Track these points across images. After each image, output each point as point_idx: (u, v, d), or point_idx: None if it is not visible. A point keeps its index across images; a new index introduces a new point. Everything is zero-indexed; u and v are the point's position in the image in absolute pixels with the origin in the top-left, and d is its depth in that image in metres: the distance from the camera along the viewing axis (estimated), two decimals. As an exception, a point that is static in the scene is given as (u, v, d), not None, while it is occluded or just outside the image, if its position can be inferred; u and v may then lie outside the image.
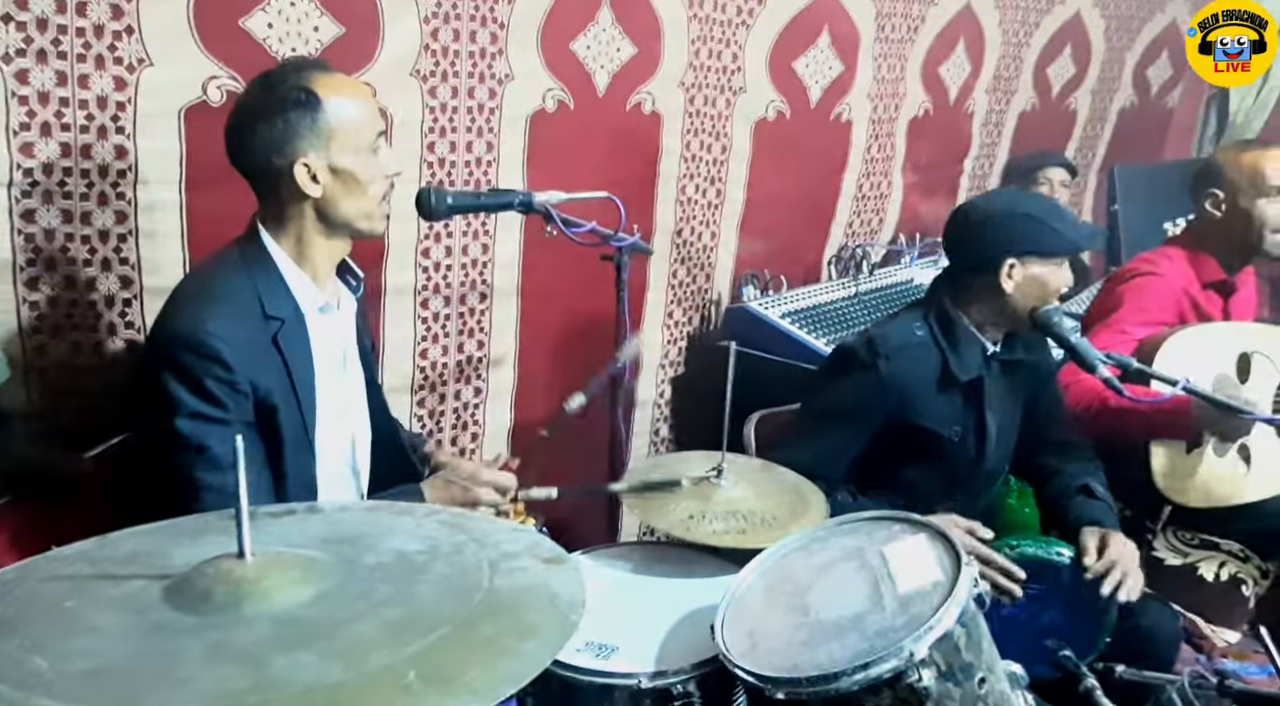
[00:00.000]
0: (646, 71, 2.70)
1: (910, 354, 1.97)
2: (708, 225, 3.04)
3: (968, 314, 2.00)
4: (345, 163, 1.53)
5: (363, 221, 1.59)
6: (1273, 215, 2.35)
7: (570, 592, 0.91)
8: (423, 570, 0.94)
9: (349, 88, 1.57)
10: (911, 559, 1.44)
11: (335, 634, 0.83)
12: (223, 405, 1.47)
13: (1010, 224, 1.95)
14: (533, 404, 2.72)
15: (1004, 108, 3.96)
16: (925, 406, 1.97)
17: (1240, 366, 2.30)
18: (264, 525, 1.08)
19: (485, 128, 2.41)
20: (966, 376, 1.98)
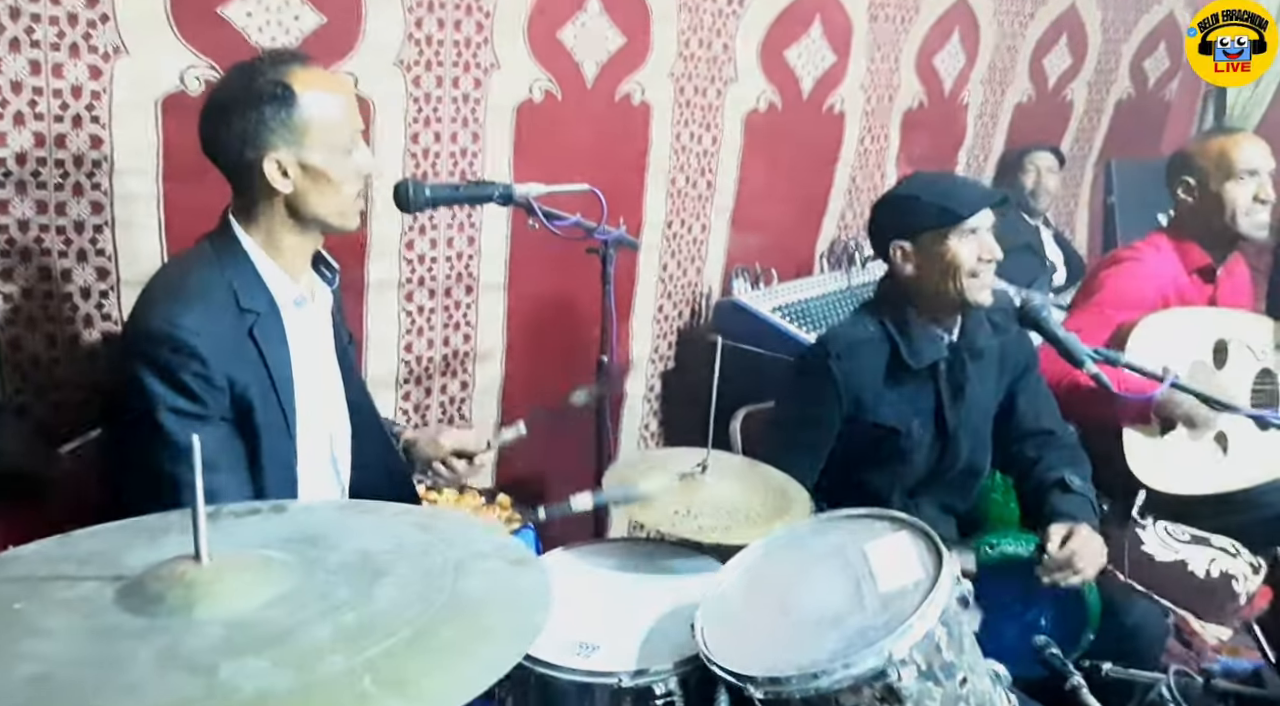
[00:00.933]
0: (635, 61, 2.67)
1: (861, 350, 1.96)
2: (698, 217, 3.01)
3: (911, 303, 1.98)
4: (317, 160, 1.51)
5: (335, 218, 1.56)
6: (1242, 196, 2.38)
7: (536, 595, 0.89)
8: (385, 571, 0.92)
9: (327, 83, 1.55)
10: (893, 557, 1.41)
11: (289, 638, 0.81)
12: (201, 401, 1.45)
13: (892, 209, 1.99)
14: (520, 397, 2.70)
15: (999, 99, 3.93)
16: (880, 402, 1.96)
17: (1217, 353, 2.29)
18: (227, 526, 1.05)
19: (470, 118, 2.39)
20: (920, 364, 1.95)
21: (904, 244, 1.95)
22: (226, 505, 1.11)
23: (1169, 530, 2.29)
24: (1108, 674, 1.68)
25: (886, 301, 2.03)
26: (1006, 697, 1.41)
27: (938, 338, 1.98)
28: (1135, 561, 2.22)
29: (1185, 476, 2.23)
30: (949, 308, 1.95)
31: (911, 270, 1.95)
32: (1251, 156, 2.38)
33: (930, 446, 2.00)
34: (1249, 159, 2.38)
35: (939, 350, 1.97)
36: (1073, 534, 1.83)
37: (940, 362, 1.97)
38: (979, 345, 2.00)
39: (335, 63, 2.10)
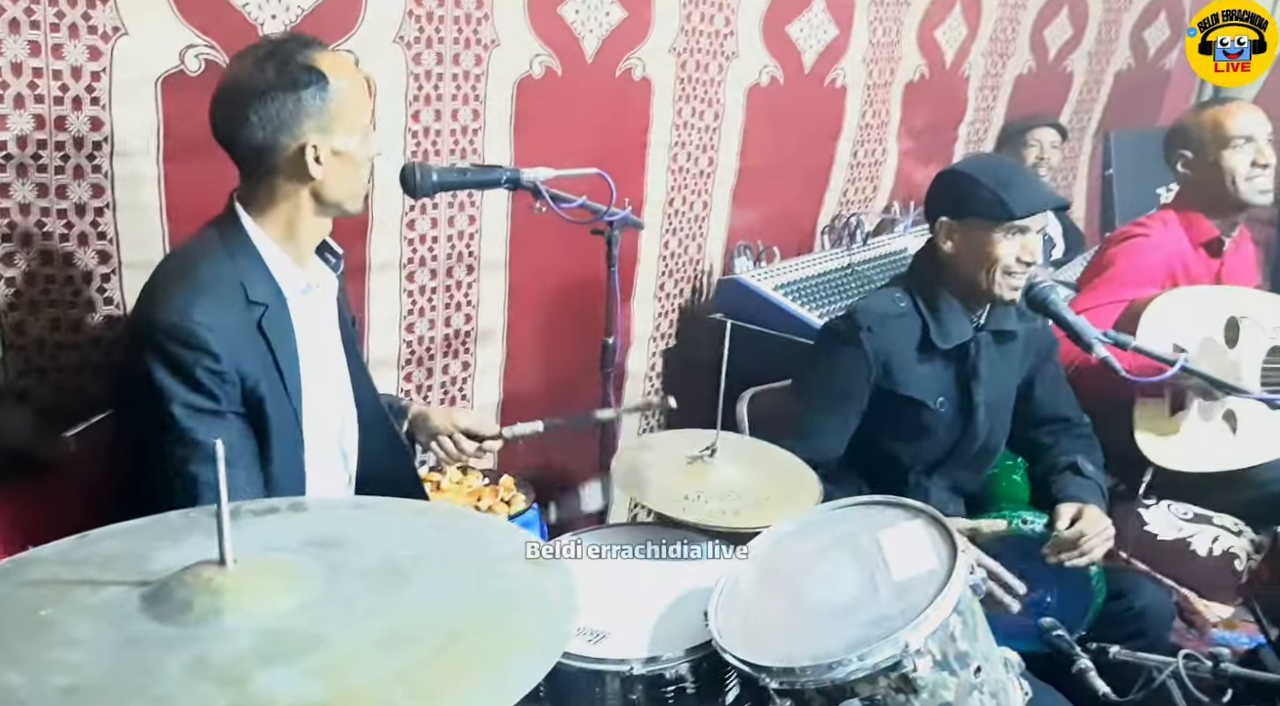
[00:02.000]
0: (637, 37, 2.63)
1: (892, 324, 1.96)
2: (699, 194, 2.99)
3: (943, 282, 1.97)
4: (344, 145, 1.51)
5: (350, 201, 1.58)
6: (1240, 163, 2.39)
7: (563, 598, 0.89)
8: (410, 576, 0.91)
9: (348, 68, 1.56)
10: (906, 545, 1.42)
11: (318, 647, 0.81)
12: (214, 396, 1.44)
13: (949, 184, 1.96)
14: (522, 378, 2.69)
15: (1000, 71, 3.90)
16: (909, 376, 1.96)
17: (1228, 331, 2.29)
18: (246, 524, 1.05)
19: (471, 95, 2.35)
20: (947, 344, 1.95)
21: (950, 221, 1.94)
22: (245, 503, 1.10)
23: (1172, 509, 2.31)
24: (1115, 656, 1.69)
25: (920, 275, 2.02)
26: (1019, 684, 1.42)
27: (966, 319, 1.98)
28: (1139, 540, 2.25)
29: (1194, 454, 2.24)
30: (978, 295, 1.95)
31: (951, 249, 1.94)
32: (1245, 123, 2.40)
33: (952, 423, 2.01)
34: (1243, 125, 2.39)
35: (966, 332, 1.97)
36: (1081, 514, 1.84)
37: (968, 343, 1.97)
38: (1005, 329, 2.00)
39: (335, 41, 2.06)
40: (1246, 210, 2.42)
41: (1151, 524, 2.28)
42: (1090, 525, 1.82)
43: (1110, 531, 1.86)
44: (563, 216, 1.89)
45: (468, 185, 1.89)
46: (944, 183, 1.99)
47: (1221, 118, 2.40)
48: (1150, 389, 2.12)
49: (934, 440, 2.00)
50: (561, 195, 1.94)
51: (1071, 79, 4.27)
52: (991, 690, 1.34)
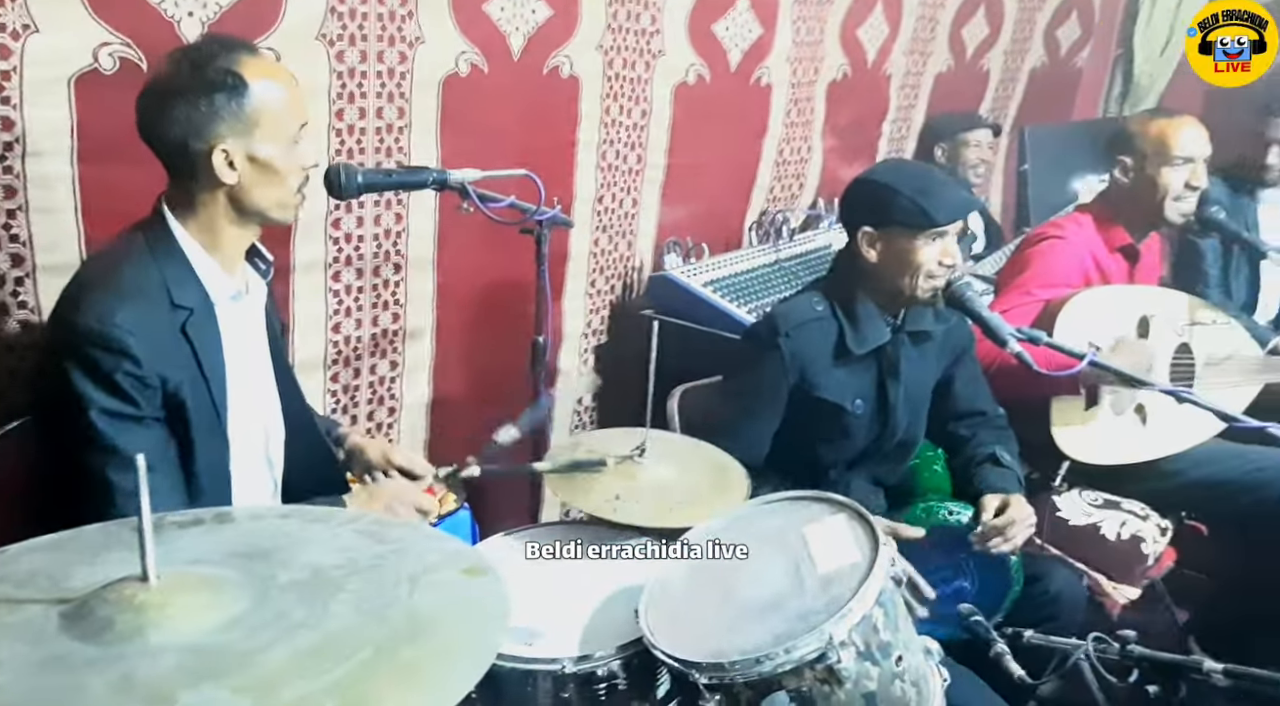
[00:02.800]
0: (563, 34, 2.63)
1: (810, 328, 1.99)
2: (629, 192, 3.00)
3: (861, 286, 2.01)
4: (265, 152, 1.48)
5: (276, 211, 1.54)
6: (1175, 182, 2.42)
7: (494, 607, 0.90)
8: (339, 587, 0.92)
9: (277, 74, 1.51)
10: (830, 540, 1.46)
11: (247, 663, 0.81)
12: (134, 401, 1.42)
13: (868, 193, 1.98)
14: (451, 377, 2.68)
15: (921, 69, 3.99)
16: (826, 379, 2.00)
17: (1139, 329, 2.38)
18: (170, 537, 1.04)
19: (396, 93, 2.33)
20: (863, 350, 2.00)
21: (872, 231, 1.96)
22: (169, 515, 1.08)
23: (1083, 495, 2.40)
24: (1029, 641, 1.75)
25: (838, 280, 2.05)
26: (938, 671, 1.47)
27: (883, 322, 2.02)
28: (1052, 526, 2.33)
29: (1108, 448, 2.32)
30: (899, 298, 1.99)
31: (874, 258, 1.97)
32: (1189, 143, 2.42)
33: (870, 422, 2.06)
34: (1187, 145, 2.41)
35: (882, 335, 2.01)
36: (1007, 504, 1.91)
37: (884, 345, 2.02)
38: (921, 329, 2.05)
39: (255, 38, 2.02)
40: (1164, 224, 2.48)
41: (1064, 510, 2.36)
42: (1017, 513, 1.89)
43: (1033, 518, 1.93)
44: (491, 217, 1.89)
45: (394, 186, 1.87)
46: (862, 192, 2.01)
47: (1169, 133, 2.42)
48: (1066, 387, 2.19)
49: (852, 439, 2.05)
50: (489, 195, 1.94)
51: (988, 77, 4.38)
52: (912, 678, 1.39)
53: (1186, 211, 2.44)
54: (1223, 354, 2.47)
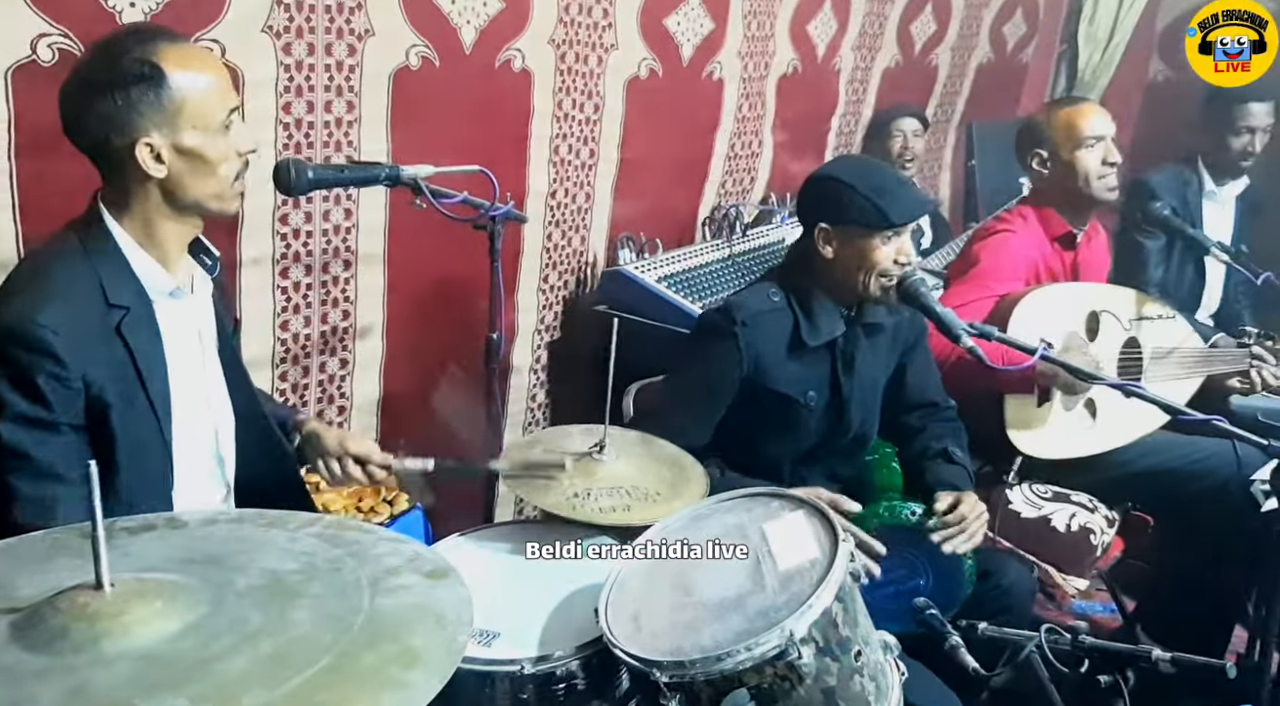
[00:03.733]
0: (515, 27, 2.61)
1: (766, 319, 1.99)
2: (582, 186, 2.99)
3: (815, 280, 2.02)
4: (192, 142, 1.42)
5: (213, 202, 1.49)
6: (1093, 162, 2.48)
7: (456, 610, 0.88)
8: (298, 593, 0.90)
9: (199, 60, 1.46)
10: (790, 536, 1.46)
11: (205, 672, 0.78)
12: (50, 406, 1.36)
13: (825, 190, 1.99)
14: (403, 374, 2.64)
15: (869, 65, 4.02)
16: (780, 372, 2.00)
17: (1089, 324, 2.43)
18: (121, 543, 1.01)
19: (345, 86, 2.30)
20: (817, 342, 2.01)
21: (828, 228, 1.97)
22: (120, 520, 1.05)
23: (1034, 488, 2.44)
24: (983, 633, 1.78)
25: (793, 272, 2.06)
26: (896, 665, 1.48)
27: (837, 315, 2.02)
28: (1004, 519, 2.36)
29: (1059, 443, 2.36)
30: (852, 294, 2.01)
31: (830, 254, 1.98)
32: (1097, 123, 2.49)
33: (824, 415, 2.07)
34: (1095, 126, 2.48)
35: (836, 327, 2.02)
36: (960, 500, 1.93)
37: (838, 338, 2.03)
38: (875, 322, 2.06)
39: (199, 31, 1.99)
40: (1096, 206, 2.55)
41: (1015, 503, 2.40)
42: (969, 509, 1.91)
43: (985, 513, 1.95)
44: (445, 214, 1.86)
45: (345, 182, 1.84)
46: (820, 189, 2.02)
47: (1075, 118, 2.49)
48: (1018, 383, 2.22)
49: (806, 432, 2.06)
50: (442, 191, 1.92)
51: (936, 72, 4.44)
52: (871, 673, 1.40)
53: (1113, 186, 2.50)
54: (1168, 348, 2.53)
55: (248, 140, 1.51)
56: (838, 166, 2.11)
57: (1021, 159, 2.60)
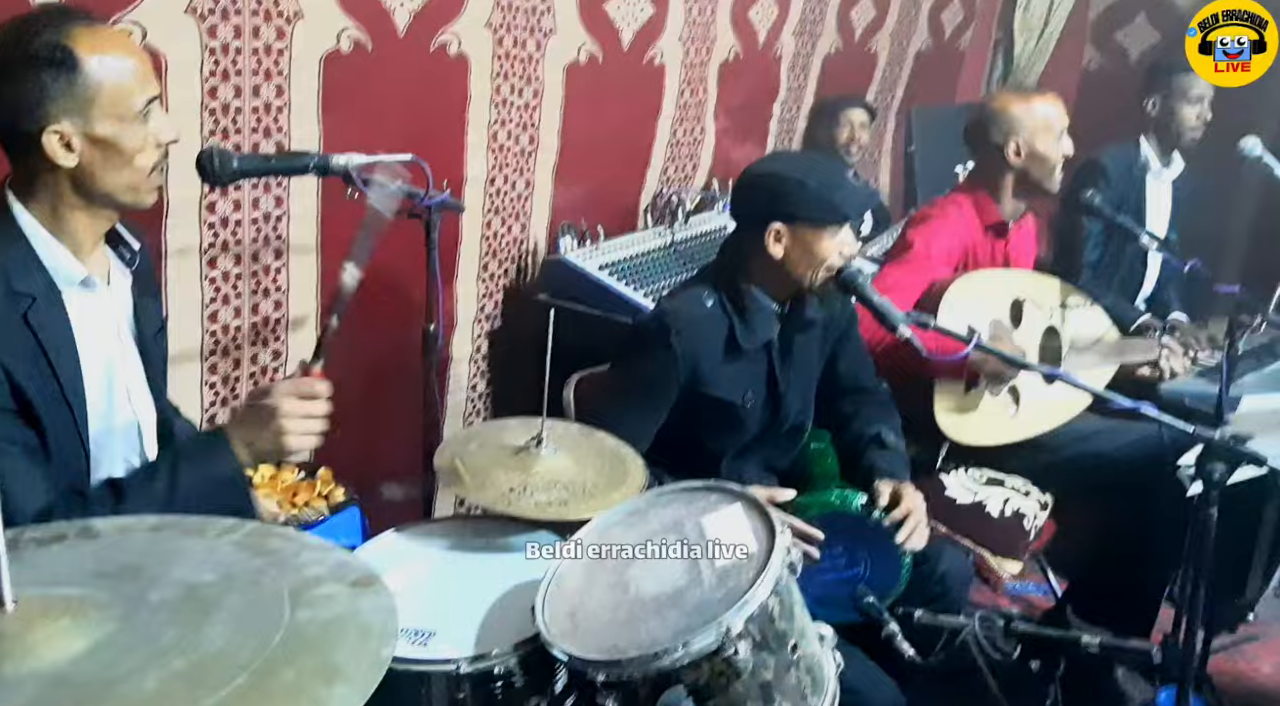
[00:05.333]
0: (451, 11, 2.56)
1: (701, 325, 1.97)
2: (521, 173, 2.95)
3: (753, 278, 2.00)
4: (106, 131, 1.36)
5: (127, 194, 1.42)
6: (1056, 153, 2.50)
7: (382, 622, 0.86)
8: (215, 605, 0.86)
9: (116, 45, 1.39)
10: (728, 531, 1.46)
11: (113, 694, 0.75)
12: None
13: (775, 187, 1.95)
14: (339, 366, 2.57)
15: (810, 51, 4.02)
16: (717, 376, 1.99)
17: (1013, 312, 2.46)
18: (28, 555, 0.96)
19: (274, 70, 2.23)
20: (753, 345, 1.99)
21: (780, 227, 1.93)
22: (27, 530, 1.01)
23: (969, 473, 2.48)
24: (919, 620, 1.80)
25: (727, 273, 2.03)
26: (832, 656, 1.49)
27: (771, 315, 2.01)
28: (939, 505, 2.39)
29: (985, 429, 2.40)
30: (794, 289, 1.99)
31: (780, 253, 1.95)
32: (1062, 115, 2.51)
33: (761, 412, 2.07)
34: (1063, 118, 2.50)
35: (771, 329, 2.01)
36: (901, 494, 1.94)
37: (773, 338, 2.02)
38: (808, 316, 2.05)
39: (119, 13, 1.92)
40: (1041, 195, 2.56)
41: (950, 489, 2.43)
42: (911, 503, 1.93)
43: (924, 504, 1.97)
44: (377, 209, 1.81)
45: (271, 172, 1.80)
46: (767, 185, 1.96)
47: (1049, 109, 2.50)
48: (949, 370, 2.25)
49: (743, 429, 2.06)
50: (375, 179, 1.87)
51: (876, 58, 4.46)
52: (807, 665, 1.40)
53: (1059, 177, 2.53)
54: (1085, 336, 2.58)
55: (168, 130, 1.45)
56: (782, 163, 2.10)
57: (973, 142, 2.59)
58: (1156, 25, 5.06)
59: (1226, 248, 4.55)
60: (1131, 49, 5.15)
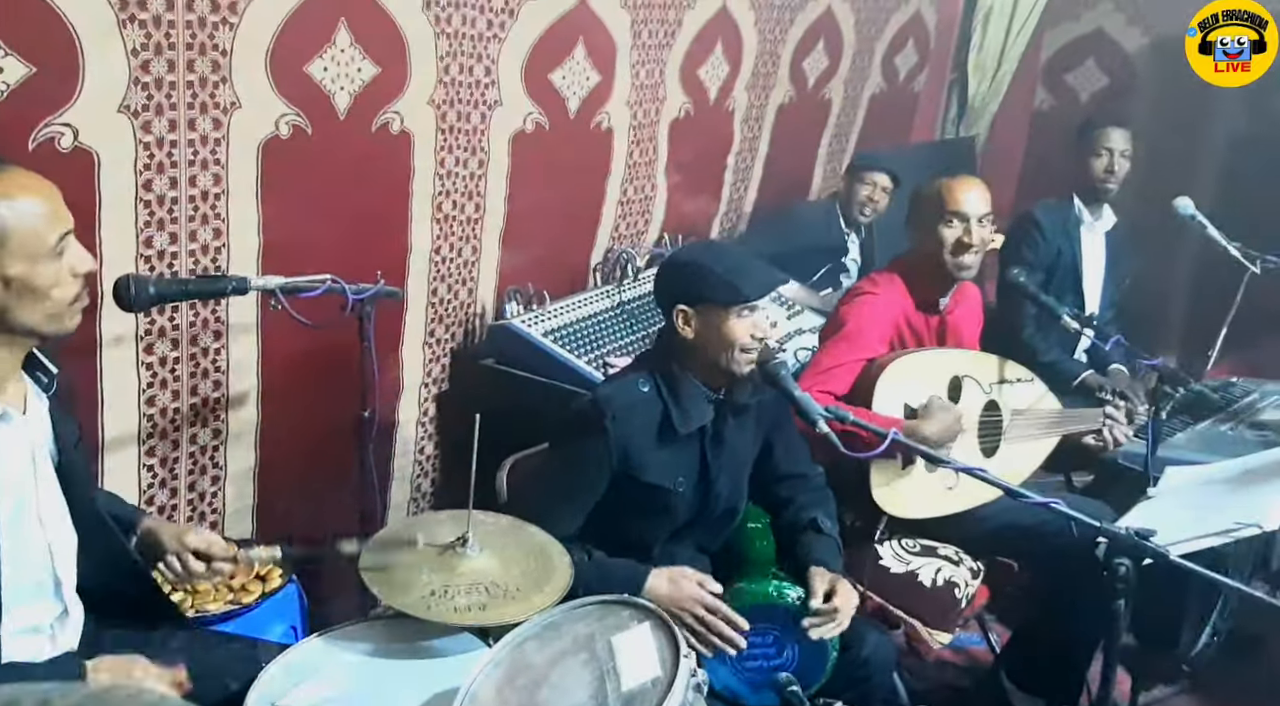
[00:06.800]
0: (393, 90, 2.59)
1: (635, 412, 2.01)
2: (468, 240, 2.98)
3: (685, 364, 2.04)
4: (18, 271, 1.39)
5: (48, 325, 1.45)
6: (949, 238, 2.50)
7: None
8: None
9: (22, 186, 1.41)
10: (635, 651, 1.49)
11: None
12: None
13: (681, 272, 2.04)
14: (279, 442, 2.61)
15: (763, 102, 4.07)
16: (649, 461, 2.02)
17: (952, 388, 2.51)
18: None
19: (211, 160, 2.26)
20: (687, 430, 2.03)
21: (686, 309, 2.00)
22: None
23: (903, 544, 2.52)
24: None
25: (661, 359, 2.08)
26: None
27: (705, 399, 2.05)
28: (874, 575, 2.44)
29: (923, 503, 2.43)
30: (721, 375, 2.04)
31: (691, 335, 2.01)
32: (962, 200, 2.49)
33: (693, 496, 2.10)
34: (959, 202, 2.48)
35: (705, 413, 2.05)
36: (835, 590, 1.98)
37: (706, 424, 2.06)
38: (742, 402, 2.09)
39: (50, 115, 1.94)
40: (958, 279, 2.59)
41: (884, 558, 2.48)
42: (843, 601, 1.97)
43: (855, 598, 2.01)
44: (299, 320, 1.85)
45: (190, 296, 1.83)
46: (674, 272, 2.05)
47: (944, 192, 2.51)
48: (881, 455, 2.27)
49: (675, 514, 2.09)
50: (303, 285, 1.90)
51: (830, 105, 4.52)
52: (709, 784, 1.44)
53: (967, 265, 2.51)
54: (1024, 410, 2.62)
55: (84, 261, 1.47)
56: (694, 251, 2.17)
57: (908, 223, 2.64)
58: (1104, 69, 5.16)
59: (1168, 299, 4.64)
60: (1081, 91, 5.25)
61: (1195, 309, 4.49)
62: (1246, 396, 3.14)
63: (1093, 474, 3.14)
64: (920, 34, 4.93)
